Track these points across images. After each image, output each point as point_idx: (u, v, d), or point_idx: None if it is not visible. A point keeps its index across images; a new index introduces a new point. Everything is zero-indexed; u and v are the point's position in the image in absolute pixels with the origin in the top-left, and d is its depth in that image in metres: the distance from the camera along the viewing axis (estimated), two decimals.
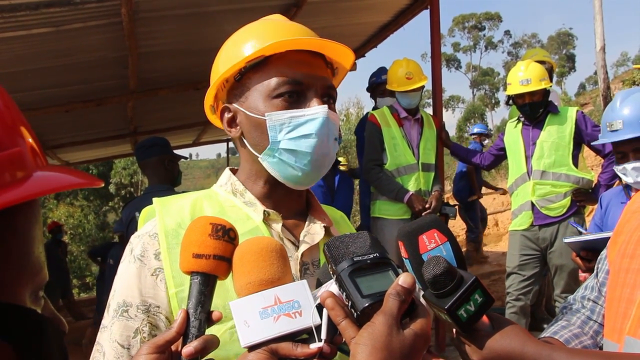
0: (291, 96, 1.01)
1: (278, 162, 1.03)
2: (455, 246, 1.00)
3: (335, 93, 1.07)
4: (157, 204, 1.05)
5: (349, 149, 17.45)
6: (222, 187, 1.12)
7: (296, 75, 1.01)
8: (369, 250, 0.79)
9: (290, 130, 1.01)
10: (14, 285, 0.54)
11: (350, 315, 0.74)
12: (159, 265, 0.96)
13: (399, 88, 4.08)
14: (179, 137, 9.49)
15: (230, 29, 1.14)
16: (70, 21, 3.71)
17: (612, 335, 1.22)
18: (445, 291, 0.93)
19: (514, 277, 3.92)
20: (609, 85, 7.13)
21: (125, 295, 0.95)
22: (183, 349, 0.75)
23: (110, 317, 0.95)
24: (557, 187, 3.74)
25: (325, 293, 0.75)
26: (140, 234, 1.02)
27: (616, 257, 1.28)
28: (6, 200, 0.47)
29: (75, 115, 6.19)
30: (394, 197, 3.96)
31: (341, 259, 0.78)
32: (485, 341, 0.98)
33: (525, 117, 3.89)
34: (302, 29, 1.07)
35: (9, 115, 0.54)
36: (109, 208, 24.03)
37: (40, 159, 0.57)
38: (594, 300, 1.38)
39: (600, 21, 6.47)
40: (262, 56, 1.02)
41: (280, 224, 1.05)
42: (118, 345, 0.92)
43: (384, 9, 5.20)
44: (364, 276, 0.76)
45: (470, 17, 66.72)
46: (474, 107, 48.55)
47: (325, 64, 1.08)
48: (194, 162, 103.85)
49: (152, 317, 0.94)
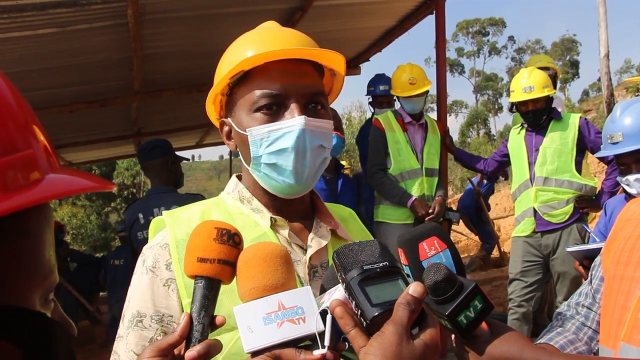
0: (270, 108, 1.00)
1: (263, 176, 1.04)
2: (454, 253, 1.02)
3: (323, 98, 1.06)
4: (167, 216, 1.06)
5: (352, 152, 17.48)
6: (230, 194, 1.12)
7: (274, 88, 1.00)
8: (379, 258, 0.79)
9: (269, 144, 1.01)
10: (25, 289, 0.54)
11: (359, 324, 0.74)
12: (171, 276, 0.98)
13: (402, 93, 4.09)
14: (182, 139, 9.51)
15: (235, 32, 1.15)
16: (76, 22, 3.73)
17: (607, 341, 1.23)
18: (445, 297, 0.93)
19: (517, 283, 3.91)
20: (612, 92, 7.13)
21: (139, 305, 0.97)
22: (186, 353, 0.74)
23: (126, 327, 0.97)
24: (560, 193, 3.73)
25: (335, 302, 0.75)
26: (152, 245, 1.03)
27: (610, 265, 1.30)
28: (19, 203, 0.47)
29: (79, 115, 6.22)
30: (398, 202, 3.95)
31: (351, 267, 0.77)
32: (484, 347, 0.98)
33: (528, 124, 3.89)
34: (292, 36, 1.05)
35: (22, 115, 0.53)
36: (112, 209, 24.10)
37: (53, 160, 0.57)
38: (588, 306, 1.40)
39: (604, 28, 6.47)
40: (242, 71, 1.02)
41: (287, 230, 1.06)
42: (134, 355, 0.94)
43: (389, 14, 5.21)
44: (374, 285, 0.76)
45: (475, 23, 66.85)
46: (477, 113, 48.61)
47: (314, 69, 1.06)
48: (197, 163, 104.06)
49: (166, 327, 0.96)
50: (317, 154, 1.03)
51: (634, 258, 1.24)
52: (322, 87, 1.07)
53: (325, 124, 1.04)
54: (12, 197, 0.47)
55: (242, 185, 1.12)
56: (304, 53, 1.03)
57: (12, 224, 0.51)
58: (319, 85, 1.06)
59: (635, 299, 1.19)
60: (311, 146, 1.01)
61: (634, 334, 1.15)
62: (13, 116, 0.52)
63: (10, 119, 0.51)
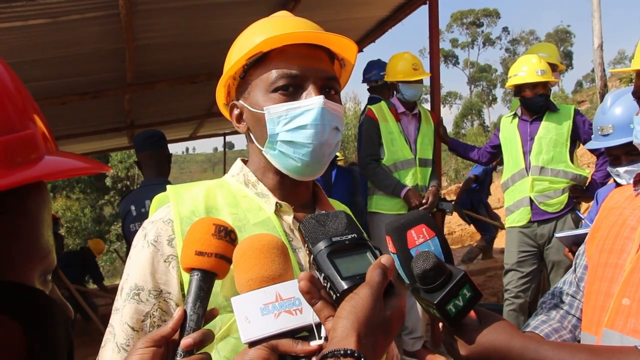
0: (288, 89, 1.03)
1: (278, 154, 1.05)
2: (443, 241, 1.02)
3: (337, 84, 1.08)
4: (171, 191, 1.06)
5: (346, 143, 17.47)
6: (234, 177, 1.13)
7: (292, 69, 1.02)
8: (346, 230, 0.78)
9: (287, 122, 1.02)
10: (24, 266, 0.55)
11: (327, 297, 0.74)
12: (172, 252, 0.98)
13: (405, 78, 4.05)
14: (176, 131, 9.47)
15: (228, 22, 1.14)
16: (67, 12, 3.69)
17: (589, 327, 1.25)
18: (434, 286, 0.94)
19: (513, 273, 3.93)
20: (606, 83, 7.13)
21: (137, 279, 0.97)
22: (182, 340, 0.77)
23: (123, 300, 0.97)
24: (555, 183, 3.75)
25: (303, 274, 0.74)
26: (154, 220, 1.03)
27: (595, 252, 1.33)
28: (17, 180, 0.48)
29: (72, 107, 6.16)
30: (391, 192, 3.96)
31: (318, 238, 0.77)
32: (473, 336, 0.99)
33: (532, 110, 3.85)
34: (305, 23, 1.08)
35: (21, 99, 0.55)
36: (106, 201, 24.00)
37: (51, 145, 0.58)
38: (572, 295, 1.42)
39: (598, 19, 6.45)
40: (260, 52, 1.04)
41: (292, 216, 1.06)
42: (128, 327, 0.94)
43: (383, 4, 5.19)
44: (342, 257, 0.75)
45: (469, 14, 66.76)
46: (472, 104, 48.67)
47: (328, 57, 1.09)
48: (191, 156, 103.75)
49: (163, 303, 0.96)
50: (333, 135, 1.05)
51: (618, 245, 1.26)
52: (335, 74, 1.09)
53: (339, 107, 1.07)
54: (12, 174, 0.49)
55: (248, 169, 1.13)
56: (322, 37, 1.05)
57: (10, 202, 0.53)
58: (332, 72, 1.08)
59: (618, 286, 1.20)
60: (330, 125, 1.03)
61: (617, 320, 1.17)
62: (12, 100, 0.54)
63: (9, 102, 0.53)
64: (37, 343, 0.53)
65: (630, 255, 1.22)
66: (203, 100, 7.33)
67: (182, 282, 0.96)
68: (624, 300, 1.17)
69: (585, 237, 2.13)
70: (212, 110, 8.01)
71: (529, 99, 3.79)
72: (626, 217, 1.30)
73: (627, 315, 1.16)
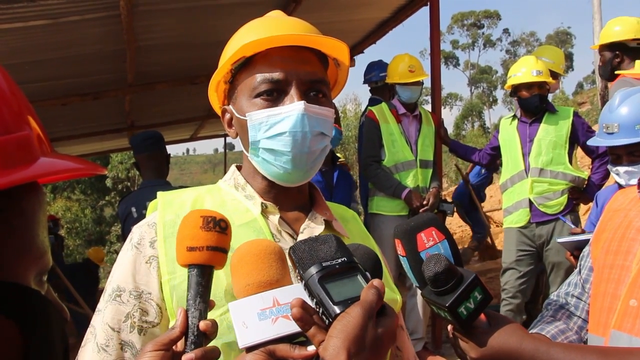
0: (270, 94, 1.00)
1: (262, 161, 1.04)
2: (452, 244, 1.01)
3: (324, 86, 1.04)
4: (160, 197, 1.07)
5: (347, 145, 17.48)
6: (226, 182, 1.13)
7: (275, 73, 0.99)
8: (336, 254, 0.78)
9: (268, 129, 1.00)
10: (19, 267, 0.56)
11: (319, 322, 0.74)
12: (153, 254, 0.98)
13: (401, 80, 4.06)
14: (176, 132, 9.47)
15: (228, 23, 1.14)
16: (68, 13, 3.69)
17: (597, 329, 1.25)
18: (446, 289, 0.93)
19: (511, 273, 3.93)
20: (606, 85, 7.12)
21: (120, 280, 0.97)
22: (183, 356, 0.76)
23: (105, 301, 0.97)
24: (555, 184, 3.75)
25: (294, 301, 0.74)
26: (141, 224, 1.04)
27: (600, 254, 1.32)
28: (12, 180, 0.49)
29: (72, 108, 6.17)
30: (392, 194, 3.96)
31: (309, 264, 0.77)
32: (483, 338, 0.99)
33: (529, 111, 3.86)
34: (295, 24, 1.04)
35: (16, 101, 0.56)
36: (106, 202, 24.00)
37: (46, 146, 0.59)
38: (577, 296, 1.42)
39: (598, 20, 6.45)
40: (244, 57, 1.02)
41: (278, 216, 1.05)
42: (109, 328, 0.94)
43: (383, 5, 5.19)
44: (333, 282, 0.76)
45: (469, 15, 66.79)
46: (472, 105, 48.68)
47: (317, 58, 1.06)
48: (191, 157, 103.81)
49: (143, 303, 0.96)
50: (317, 141, 1.02)
51: (624, 247, 1.26)
52: (324, 76, 1.06)
53: (326, 111, 1.03)
54: (7, 174, 0.49)
55: (239, 173, 1.12)
56: (305, 39, 1.01)
57: (6, 203, 0.54)
58: (320, 73, 1.05)
59: (625, 288, 1.20)
60: (311, 132, 1.00)
61: (625, 322, 1.17)
62: (6, 102, 0.55)
63: (4, 104, 0.54)
64: (33, 342, 0.54)
65: (636, 257, 1.22)
66: (203, 101, 7.28)
67: (162, 282, 0.96)
68: (632, 302, 1.17)
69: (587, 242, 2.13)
70: (212, 111, 7.98)
71: (525, 99, 3.81)
72: (631, 219, 1.30)
73: (635, 317, 1.16)
